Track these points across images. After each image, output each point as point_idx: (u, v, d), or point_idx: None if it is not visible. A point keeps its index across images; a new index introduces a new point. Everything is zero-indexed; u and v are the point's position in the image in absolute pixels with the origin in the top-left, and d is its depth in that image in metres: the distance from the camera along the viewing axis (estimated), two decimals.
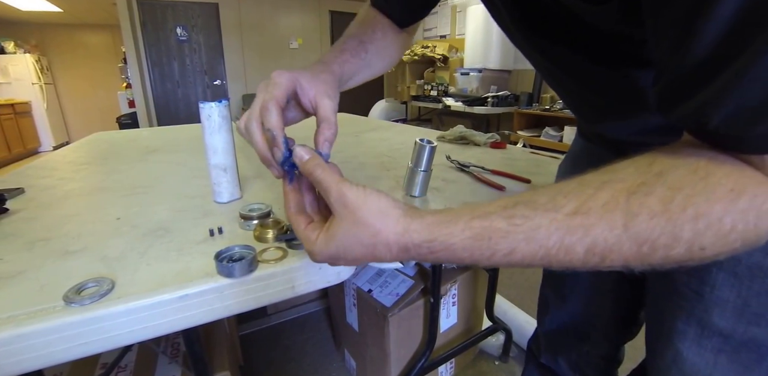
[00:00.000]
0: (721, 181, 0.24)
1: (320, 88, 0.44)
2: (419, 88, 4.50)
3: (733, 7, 0.20)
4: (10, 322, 0.36)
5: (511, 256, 0.27)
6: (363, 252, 0.31)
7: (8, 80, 5.46)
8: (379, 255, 0.31)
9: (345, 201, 0.32)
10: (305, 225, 0.36)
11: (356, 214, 0.31)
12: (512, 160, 0.92)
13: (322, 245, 0.33)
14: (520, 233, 0.27)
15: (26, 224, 0.59)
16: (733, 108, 0.22)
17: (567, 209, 0.26)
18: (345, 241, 0.32)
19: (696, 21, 0.21)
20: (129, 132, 1.60)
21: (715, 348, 0.41)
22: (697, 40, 0.22)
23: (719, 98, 0.22)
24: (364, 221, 0.31)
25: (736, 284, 0.39)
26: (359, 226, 0.31)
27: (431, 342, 1.03)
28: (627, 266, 0.26)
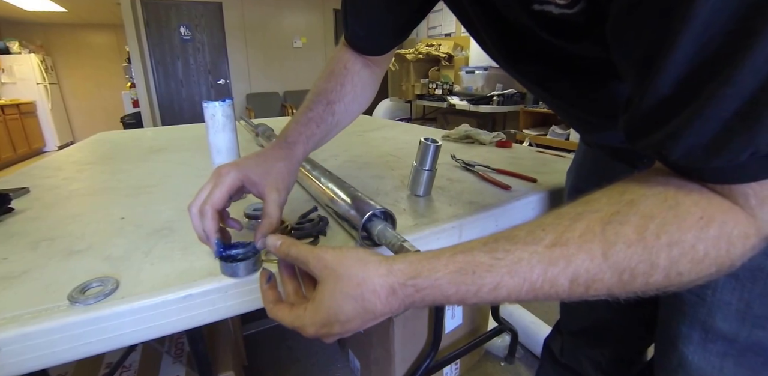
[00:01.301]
0: (690, 209, 0.26)
1: (270, 182, 0.45)
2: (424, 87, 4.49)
3: (690, 52, 0.21)
4: (14, 321, 0.36)
5: (497, 291, 0.27)
6: (353, 307, 0.30)
7: (13, 80, 5.49)
8: (369, 305, 0.30)
9: (324, 263, 0.32)
10: (287, 309, 0.35)
11: (337, 270, 0.31)
12: (518, 159, 0.91)
13: (311, 314, 0.32)
14: (503, 266, 0.27)
15: (31, 224, 0.59)
16: (690, 144, 0.24)
17: (546, 241, 0.27)
18: (332, 301, 0.31)
19: (657, 60, 0.23)
20: (133, 132, 1.60)
21: (720, 352, 0.41)
22: (660, 78, 0.23)
23: (677, 134, 0.24)
24: (347, 273, 0.30)
25: (738, 287, 0.38)
26: (343, 279, 0.30)
27: (436, 343, 1.02)
28: (611, 295, 0.27)
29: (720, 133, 0.23)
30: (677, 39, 0.21)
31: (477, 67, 3.95)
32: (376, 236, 0.46)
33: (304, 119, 0.53)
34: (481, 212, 0.60)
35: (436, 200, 0.65)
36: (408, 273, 0.29)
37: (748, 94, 0.21)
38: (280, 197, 0.44)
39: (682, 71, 0.22)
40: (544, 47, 0.39)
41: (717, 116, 0.22)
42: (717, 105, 0.22)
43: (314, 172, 0.65)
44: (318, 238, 0.51)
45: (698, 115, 0.22)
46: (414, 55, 4.48)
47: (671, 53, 0.22)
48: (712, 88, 0.21)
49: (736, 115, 0.22)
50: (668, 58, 0.22)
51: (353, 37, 0.59)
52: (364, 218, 0.47)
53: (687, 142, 0.24)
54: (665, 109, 0.24)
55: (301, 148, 0.51)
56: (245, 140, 1.21)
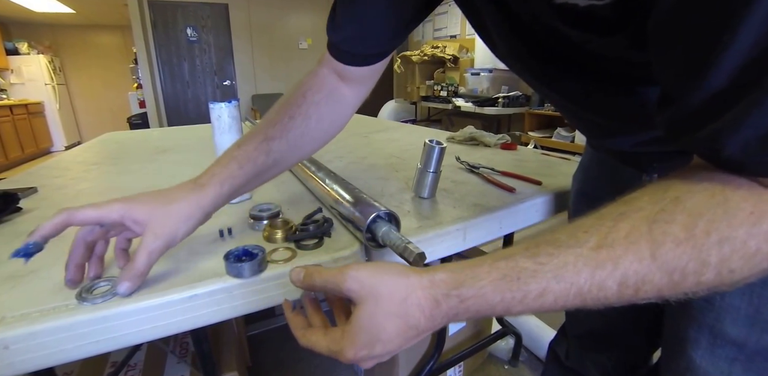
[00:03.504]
0: (740, 205, 0.24)
1: (153, 225, 0.39)
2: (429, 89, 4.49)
3: (750, 40, 0.20)
4: (22, 320, 0.36)
5: (543, 297, 0.26)
6: (396, 325, 0.28)
7: (22, 81, 5.55)
8: (413, 321, 0.28)
9: (361, 282, 0.30)
10: (321, 333, 0.32)
11: (377, 287, 0.29)
12: (523, 162, 0.91)
13: (350, 337, 0.30)
14: (548, 271, 0.26)
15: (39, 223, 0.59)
16: (748, 136, 0.22)
17: (590, 243, 0.26)
18: (374, 320, 0.29)
19: (712, 52, 0.21)
20: (139, 132, 1.61)
21: (729, 357, 0.40)
22: (713, 71, 0.22)
23: (734, 127, 0.23)
24: (389, 290, 0.29)
25: (747, 292, 0.38)
26: (384, 297, 0.29)
27: (440, 345, 1.02)
28: (661, 296, 0.26)
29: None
30: (737, 28, 0.20)
31: (482, 69, 3.94)
32: (381, 237, 0.46)
33: (227, 158, 0.47)
34: (485, 214, 0.60)
35: (441, 202, 0.65)
36: (451, 283, 0.28)
37: None
38: (157, 244, 0.38)
39: (739, 62, 0.21)
40: (561, 46, 0.38)
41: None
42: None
43: (319, 174, 0.65)
44: (322, 239, 0.51)
45: (757, 105, 0.21)
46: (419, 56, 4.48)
47: (730, 43, 0.21)
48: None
49: None
50: (727, 49, 0.21)
51: (341, 43, 0.51)
52: (368, 219, 0.47)
53: (744, 135, 0.23)
54: (719, 103, 0.23)
55: (212, 191, 0.43)
56: None
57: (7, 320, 0.36)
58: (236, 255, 0.44)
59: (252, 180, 0.48)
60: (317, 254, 0.48)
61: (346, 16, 0.49)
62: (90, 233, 0.40)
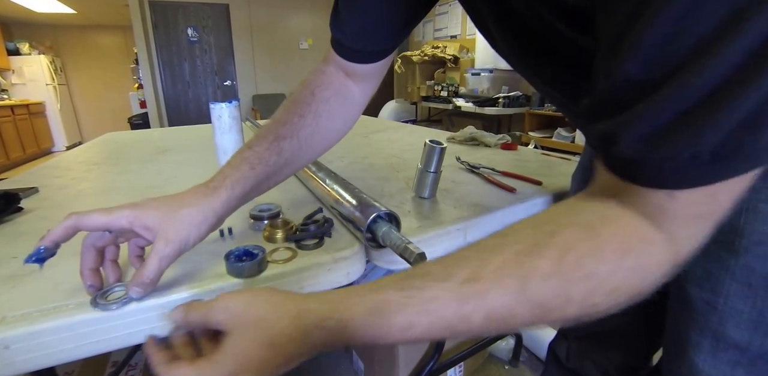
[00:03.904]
0: (609, 240, 0.25)
1: (163, 230, 0.38)
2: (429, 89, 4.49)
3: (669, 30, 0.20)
4: (23, 319, 0.36)
5: (410, 331, 0.26)
6: (265, 354, 0.28)
7: (23, 81, 5.56)
8: (281, 350, 0.28)
9: (231, 312, 0.29)
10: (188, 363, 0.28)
11: (245, 317, 0.28)
12: (523, 162, 0.91)
13: (218, 367, 0.27)
14: (415, 305, 0.26)
15: (40, 223, 0.59)
16: (642, 132, 0.23)
17: (461, 276, 0.26)
18: (242, 349, 0.28)
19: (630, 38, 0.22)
20: (140, 132, 1.62)
21: (731, 361, 0.40)
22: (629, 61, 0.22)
23: (634, 120, 0.23)
24: (255, 319, 0.28)
25: (751, 295, 0.37)
26: (251, 326, 0.28)
27: (440, 345, 1.02)
28: (527, 328, 0.27)
29: (668, 125, 0.22)
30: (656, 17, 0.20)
31: (483, 69, 3.94)
32: (381, 237, 0.46)
33: (238, 159, 0.46)
34: (485, 214, 0.60)
35: (441, 202, 0.65)
36: (320, 314, 0.28)
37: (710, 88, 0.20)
38: (168, 250, 0.37)
39: (652, 56, 0.21)
40: (558, 42, 0.38)
41: (675, 106, 0.21)
42: (680, 94, 0.21)
43: (319, 174, 0.65)
44: (323, 239, 0.51)
45: (657, 102, 0.22)
46: (419, 56, 4.49)
47: (647, 31, 0.21)
48: (682, 76, 0.20)
49: (694, 108, 0.21)
50: (642, 37, 0.21)
51: (344, 39, 0.50)
52: (368, 219, 0.47)
53: (640, 130, 0.23)
54: (629, 93, 0.23)
55: (224, 194, 0.42)
56: None
57: (7, 320, 0.36)
58: (237, 255, 0.44)
59: (264, 181, 0.47)
60: (317, 254, 0.48)
61: (347, 13, 0.49)
62: (99, 238, 0.39)
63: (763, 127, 0.21)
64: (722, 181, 0.23)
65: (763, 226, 0.35)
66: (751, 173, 0.23)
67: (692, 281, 0.42)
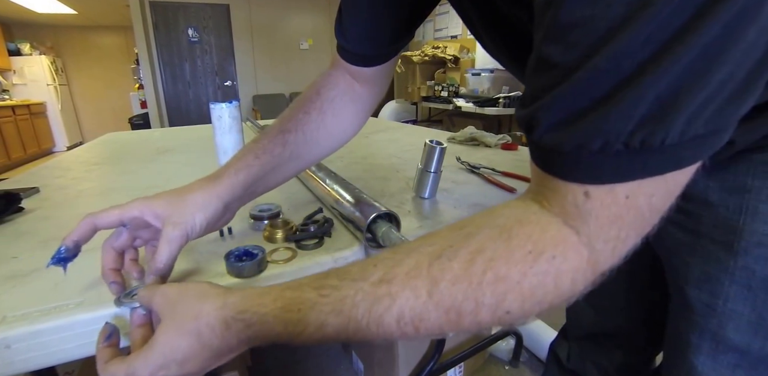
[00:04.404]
0: (521, 242, 0.24)
1: (172, 215, 0.39)
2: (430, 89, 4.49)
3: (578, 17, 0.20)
4: (24, 319, 0.36)
5: (323, 330, 0.26)
6: (189, 344, 0.28)
7: (24, 81, 5.57)
8: (206, 340, 0.28)
9: (167, 298, 0.31)
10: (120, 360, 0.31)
11: (176, 305, 0.30)
12: (524, 162, 0.91)
13: (144, 358, 0.29)
14: (327, 304, 0.26)
15: (41, 223, 0.59)
16: (557, 116, 0.22)
17: (374, 277, 0.25)
18: (167, 338, 0.29)
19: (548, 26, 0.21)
20: (141, 132, 1.62)
21: (731, 364, 0.40)
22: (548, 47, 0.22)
23: (549, 104, 0.22)
24: (184, 309, 0.29)
25: (750, 297, 0.37)
26: (179, 314, 0.29)
27: (440, 345, 1.02)
28: (444, 334, 0.25)
29: (581, 111, 0.21)
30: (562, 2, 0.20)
31: (483, 70, 3.94)
32: (381, 237, 0.46)
33: (242, 151, 0.47)
34: None
35: (441, 202, 0.65)
36: (239, 307, 0.28)
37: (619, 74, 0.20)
38: (175, 233, 0.38)
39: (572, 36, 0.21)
40: None
41: (589, 92, 0.21)
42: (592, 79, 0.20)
43: (319, 174, 0.65)
44: (323, 239, 0.51)
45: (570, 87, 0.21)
46: (420, 57, 4.49)
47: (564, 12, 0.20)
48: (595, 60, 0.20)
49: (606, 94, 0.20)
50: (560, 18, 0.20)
51: (347, 44, 0.51)
52: (368, 219, 0.47)
53: (556, 116, 0.22)
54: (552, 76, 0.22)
55: (227, 180, 0.43)
56: None
57: (8, 320, 0.36)
58: (237, 255, 0.44)
59: (270, 173, 0.47)
60: (317, 254, 0.48)
61: (348, 18, 0.49)
62: (116, 238, 0.41)
63: (674, 118, 0.20)
64: (634, 179, 0.22)
65: (763, 227, 0.35)
66: (669, 176, 0.22)
67: (691, 282, 0.41)
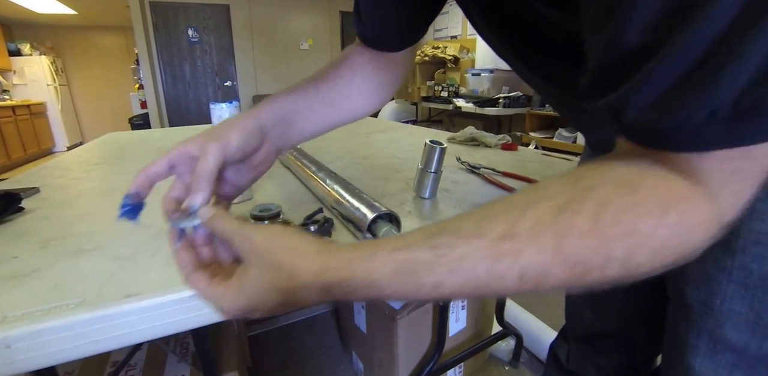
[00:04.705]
0: (649, 195, 0.23)
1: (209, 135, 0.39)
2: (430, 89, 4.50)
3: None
4: (24, 319, 0.36)
5: (439, 289, 0.25)
6: (280, 299, 0.28)
7: (24, 81, 5.57)
8: (298, 300, 0.28)
9: (251, 245, 0.29)
10: (206, 281, 0.32)
11: (266, 257, 0.28)
12: (524, 162, 0.91)
13: (233, 298, 0.29)
14: (445, 264, 0.25)
15: (41, 223, 0.59)
16: (649, 99, 0.22)
17: (494, 233, 0.24)
18: (258, 289, 0.29)
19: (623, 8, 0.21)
20: (141, 133, 1.62)
21: (729, 364, 0.39)
22: (624, 28, 0.21)
23: (638, 86, 0.22)
24: (276, 264, 0.28)
25: (748, 297, 0.37)
26: (271, 270, 0.28)
27: (440, 346, 1.02)
28: (562, 289, 0.25)
29: (676, 86, 0.21)
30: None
31: (483, 70, 3.95)
32: (381, 237, 0.46)
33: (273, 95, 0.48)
34: None
35: (441, 203, 0.65)
36: (342, 273, 0.27)
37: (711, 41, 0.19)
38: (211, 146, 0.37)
39: (649, 17, 0.20)
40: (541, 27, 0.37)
41: (677, 67, 0.20)
42: (682, 52, 0.20)
43: (320, 174, 0.65)
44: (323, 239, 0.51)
45: (659, 64, 0.21)
46: (420, 57, 4.49)
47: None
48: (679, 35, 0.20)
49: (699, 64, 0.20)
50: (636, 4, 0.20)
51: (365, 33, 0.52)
52: (369, 219, 0.47)
53: (645, 98, 0.22)
54: (631, 61, 0.22)
55: (260, 108, 0.45)
56: None
57: (8, 320, 0.36)
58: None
59: (304, 110, 0.48)
60: None
61: (365, 8, 0.50)
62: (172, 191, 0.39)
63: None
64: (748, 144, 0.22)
65: (760, 225, 0.35)
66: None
67: (689, 281, 0.41)
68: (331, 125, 0.53)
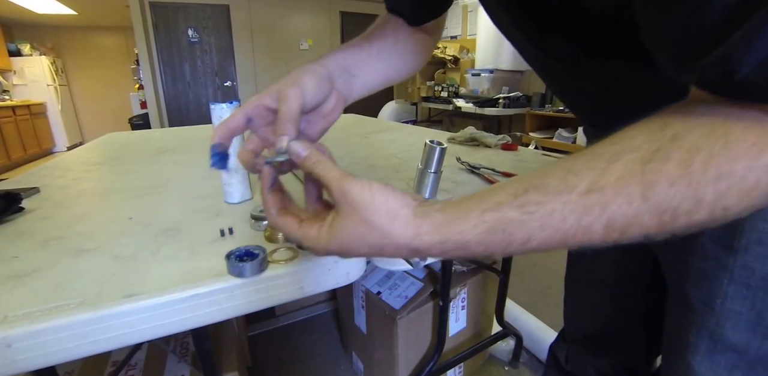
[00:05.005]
0: (741, 137, 0.23)
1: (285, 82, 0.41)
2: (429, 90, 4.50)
3: None
4: (25, 318, 0.36)
5: (527, 244, 0.26)
6: (369, 251, 0.30)
7: (24, 82, 5.57)
8: (386, 254, 0.30)
9: (349, 199, 0.30)
10: (298, 224, 0.33)
11: (362, 214, 0.29)
12: (523, 162, 0.91)
13: (325, 242, 0.31)
14: (535, 220, 0.26)
15: (41, 223, 0.59)
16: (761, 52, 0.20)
17: (580, 187, 0.25)
18: (350, 239, 0.30)
19: None
20: (141, 133, 1.62)
21: (728, 364, 0.39)
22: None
23: (750, 41, 0.20)
24: (371, 222, 0.29)
25: (749, 297, 0.37)
26: (365, 226, 0.29)
27: (440, 346, 1.02)
28: (647, 238, 0.25)
29: None
30: None
31: (483, 70, 3.95)
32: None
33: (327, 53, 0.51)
34: None
35: None
36: (436, 238, 0.28)
37: None
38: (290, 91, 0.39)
39: None
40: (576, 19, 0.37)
41: None
42: None
43: None
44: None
45: None
46: None
47: None
48: None
49: None
50: None
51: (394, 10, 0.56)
52: None
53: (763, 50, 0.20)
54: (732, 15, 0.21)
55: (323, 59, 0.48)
56: None
57: (9, 319, 0.36)
58: (237, 255, 0.44)
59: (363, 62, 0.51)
60: None
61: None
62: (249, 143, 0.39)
63: None
64: None
65: (763, 224, 0.35)
66: None
67: (690, 281, 0.41)
68: (385, 81, 0.55)
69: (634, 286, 0.62)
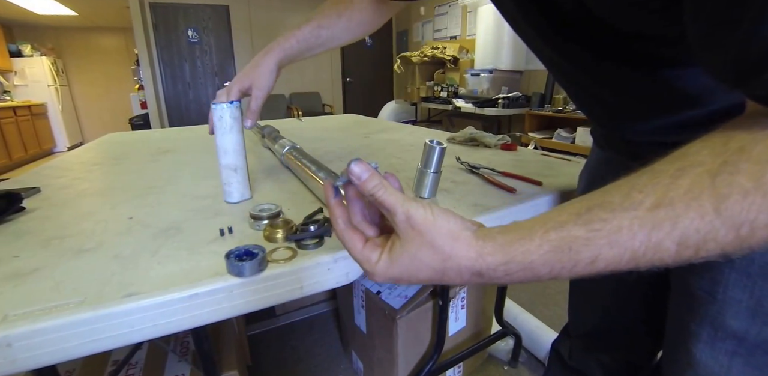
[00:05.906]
0: None
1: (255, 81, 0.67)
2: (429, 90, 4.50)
3: None
4: (26, 318, 0.36)
5: (594, 264, 0.25)
6: (430, 275, 0.30)
7: (25, 82, 5.58)
8: (448, 279, 0.30)
9: (412, 223, 0.30)
10: (362, 244, 0.33)
11: (424, 237, 0.29)
12: (523, 162, 0.91)
13: (385, 268, 0.31)
14: (601, 238, 0.25)
15: (41, 223, 0.60)
16: None
17: (647, 203, 0.24)
18: (411, 264, 0.30)
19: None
20: (141, 133, 1.62)
21: (729, 351, 0.40)
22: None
23: None
24: (434, 245, 0.29)
25: (749, 284, 0.38)
26: (428, 249, 0.29)
27: (439, 345, 1.03)
28: (724, 255, 0.24)
29: None
30: None
31: (482, 70, 3.94)
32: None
33: (288, 34, 0.68)
34: (486, 214, 0.60)
35: (441, 203, 0.66)
36: (499, 259, 0.27)
37: None
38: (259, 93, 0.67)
39: None
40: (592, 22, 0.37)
41: None
42: None
43: (320, 174, 0.66)
44: (323, 239, 0.51)
45: None
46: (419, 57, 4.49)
47: None
48: None
49: None
50: None
51: None
52: None
53: None
54: None
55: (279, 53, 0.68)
56: (251, 142, 1.22)
57: (10, 318, 0.36)
58: (237, 255, 0.45)
59: (300, 54, 0.70)
60: (317, 253, 0.49)
61: None
62: None
63: None
64: None
65: None
66: None
67: (693, 270, 0.42)
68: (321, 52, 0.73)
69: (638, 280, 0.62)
